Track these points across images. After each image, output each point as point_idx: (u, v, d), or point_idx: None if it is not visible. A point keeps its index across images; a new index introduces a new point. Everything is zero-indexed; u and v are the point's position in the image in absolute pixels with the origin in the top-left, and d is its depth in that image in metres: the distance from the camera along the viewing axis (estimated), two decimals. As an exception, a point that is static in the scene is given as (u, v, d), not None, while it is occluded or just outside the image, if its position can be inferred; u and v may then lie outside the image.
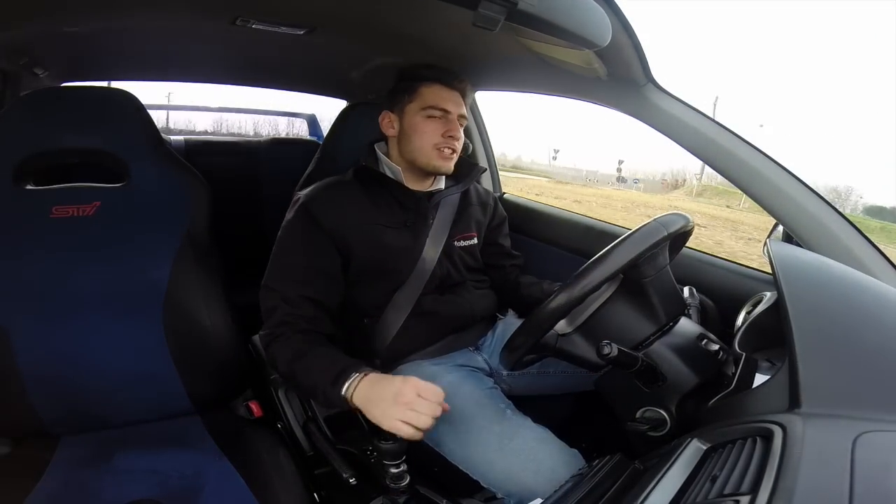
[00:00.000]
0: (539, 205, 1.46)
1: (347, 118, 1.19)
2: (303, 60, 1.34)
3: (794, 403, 0.48)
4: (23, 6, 0.86)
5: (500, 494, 0.76)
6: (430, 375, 0.88)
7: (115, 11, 0.94)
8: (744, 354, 0.63)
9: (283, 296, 0.86)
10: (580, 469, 0.67)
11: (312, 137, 3.08)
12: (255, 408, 0.99)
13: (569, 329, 0.74)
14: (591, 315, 0.74)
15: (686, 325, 0.73)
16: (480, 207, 1.09)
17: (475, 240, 1.06)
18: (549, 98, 1.17)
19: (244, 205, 1.63)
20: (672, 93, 0.90)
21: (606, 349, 0.61)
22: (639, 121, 0.93)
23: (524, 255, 1.17)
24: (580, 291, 0.64)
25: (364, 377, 0.74)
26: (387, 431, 0.68)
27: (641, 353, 0.66)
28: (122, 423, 0.87)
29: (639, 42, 0.79)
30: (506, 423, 0.79)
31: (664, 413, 0.66)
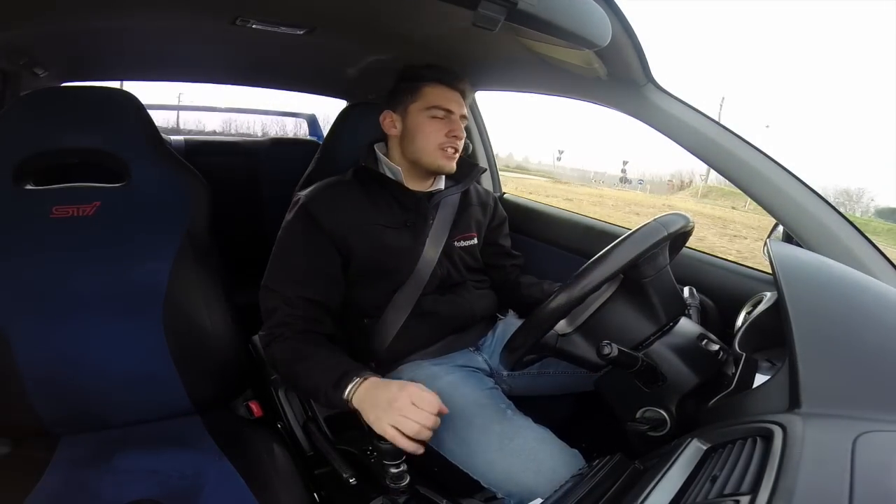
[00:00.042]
0: (539, 205, 1.46)
1: (347, 118, 1.19)
2: (303, 60, 1.34)
3: (794, 403, 0.48)
4: (23, 6, 0.86)
5: (501, 494, 0.76)
6: (431, 375, 0.88)
7: (116, 11, 0.93)
8: (744, 354, 0.63)
9: (283, 296, 0.86)
10: (580, 469, 0.67)
11: (312, 137, 3.08)
12: (255, 408, 0.99)
13: (569, 329, 0.74)
14: (592, 315, 0.74)
15: (686, 326, 0.73)
16: (480, 207, 1.09)
17: (475, 240, 1.06)
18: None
19: (244, 205, 1.63)
20: (672, 93, 0.90)
21: (606, 349, 0.61)
22: (639, 121, 0.93)
23: (524, 255, 1.17)
24: (580, 292, 0.64)
25: (364, 381, 0.74)
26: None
27: (641, 353, 0.66)
28: (122, 423, 0.86)
29: (639, 42, 0.79)
30: (506, 423, 0.79)
31: (664, 413, 0.66)
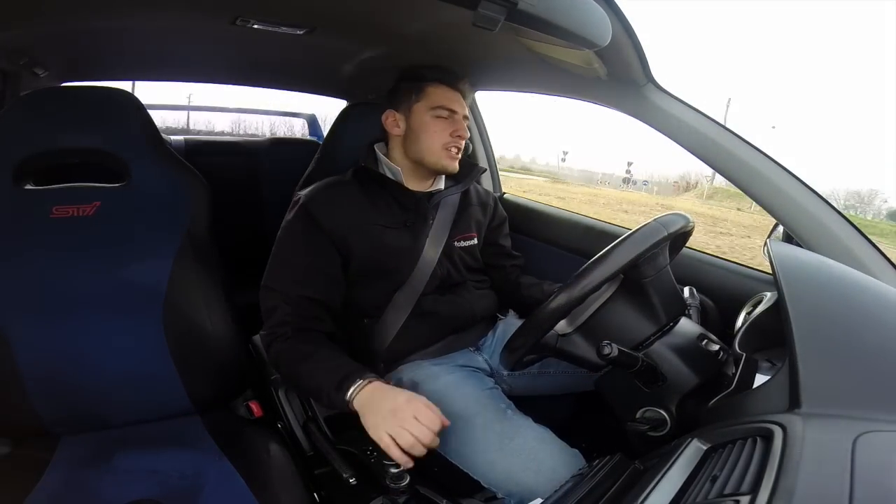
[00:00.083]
0: (539, 205, 1.46)
1: (347, 118, 1.19)
2: (303, 60, 1.34)
3: (794, 403, 0.48)
4: (23, 6, 0.86)
5: (501, 494, 0.76)
6: (431, 375, 0.88)
7: (116, 11, 0.93)
8: (744, 355, 0.63)
9: (284, 295, 0.86)
10: (580, 469, 0.67)
11: (312, 137, 3.07)
12: (255, 408, 0.99)
13: (569, 329, 0.74)
14: (592, 315, 0.74)
15: (686, 326, 0.73)
16: (480, 208, 1.09)
17: (475, 240, 1.06)
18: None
19: (244, 205, 1.62)
20: (672, 93, 0.90)
21: (606, 349, 0.61)
22: (639, 121, 0.93)
23: (524, 256, 1.17)
24: (580, 292, 0.64)
25: (369, 384, 0.74)
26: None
27: (641, 354, 0.66)
28: (122, 423, 0.86)
29: (639, 42, 0.79)
30: (506, 423, 0.79)
31: (664, 413, 0.66)
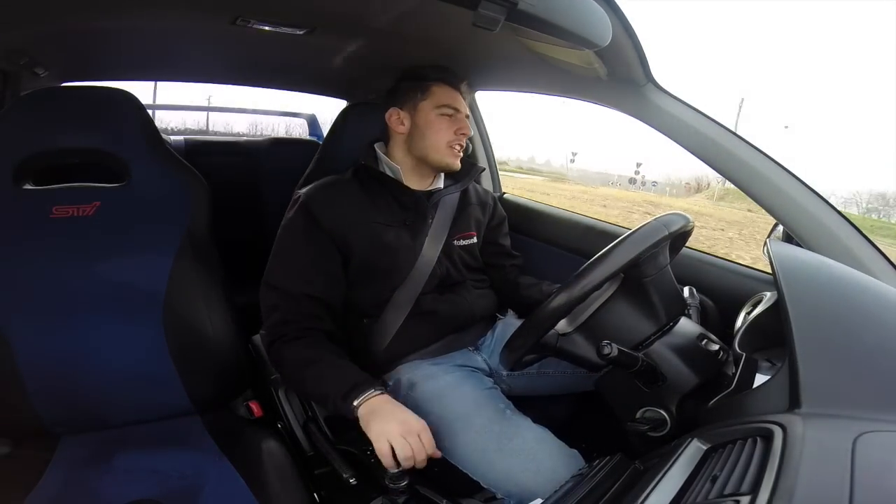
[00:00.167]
0: (539, 205, 1.46)
1: (347, 118, 1.19)
2: (303, 60, 1.34)
3: (794, 403, 0.48)
4: (23, 6, 0.86)
5: (500, 495, 0.76)
6: (429, 375, 0.88)
7: (116, 11, 0.93)
8: (744, 354, 0.63)
9: (284, 293, 0.86)
10: (580, 469, 0.67)
11: (312, 137, 3.07)
12: (255, 408, 0.99)
13: (569, 329, 0.74)
14: (592, 314, 0.73)
15: (686, 325, 0.73)
16: (480, 207, 1.09)
17: (475, 239, 1.06)
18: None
19: (244, 205, 1.63)
20: (672, 93, 0.90)
21: (606, 349, 0.61)
22: (639, 121, 0.93)
23: (524, 255, 1.17)
24: (580, 291, 0.64)
25: (380, 395, 0.76)
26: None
27: (641, 354, 0.65)
28: (122, 423, 0.86)
29: (639, 42, 0.79)
30: (505, 424, 0.79)
31: (664, 413, 0.66)
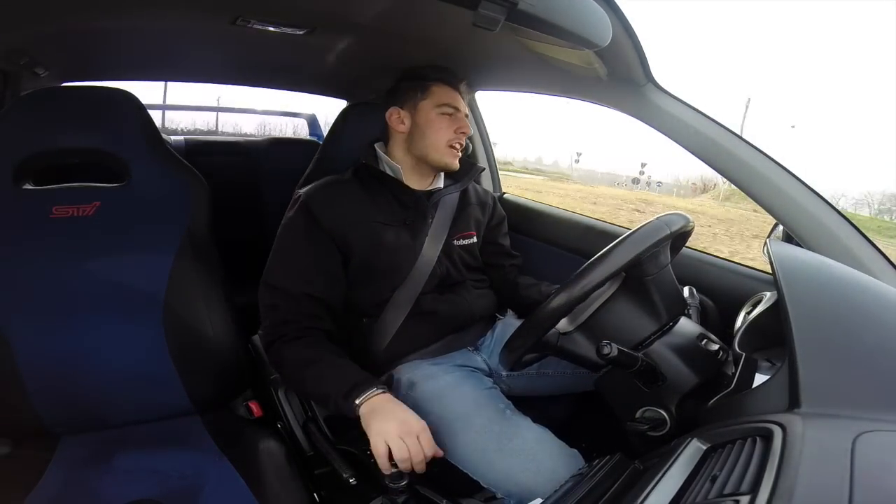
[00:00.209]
0: (539, 205, 1.46)
1: (347, 118, 1.19)
2: (303, 60, 1.34)
3: (794, 403, 0.48)
4: (23, 6, 0.86)
5: (500, 494, 0.76)
6: (429, 375, 0.88)
7: (116, 11, 0.93)
8: (744, 354, 0.63)
9: (284, 293, 0.86)
10: (580, 469, 0.67)
11: (312, 137, 3.08)
12: (255, 408, 0.99)
13: (570, 328, 0.74)
14: (593, 314, 0.73)
15: (686, 325, 0.72)
16: (479, 207, 1.09)
17: (474, 238, 1.06)
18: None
19: (244, 205, 1.63)
20: (672, 93, 0.89)
21: (606, 349, 0.61)
22: (639, 121, 0.93)
23: (523, 255, 1.17)
24: (580, 291, 0.64)
25: (382, 394, 0.76)
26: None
27: (641, 353, 0.65)
28: (122, 423, 0.86)
29: (639, 42, 0.79)
30: (505, 423, 0.79)
31: (664, 413, 0.66)
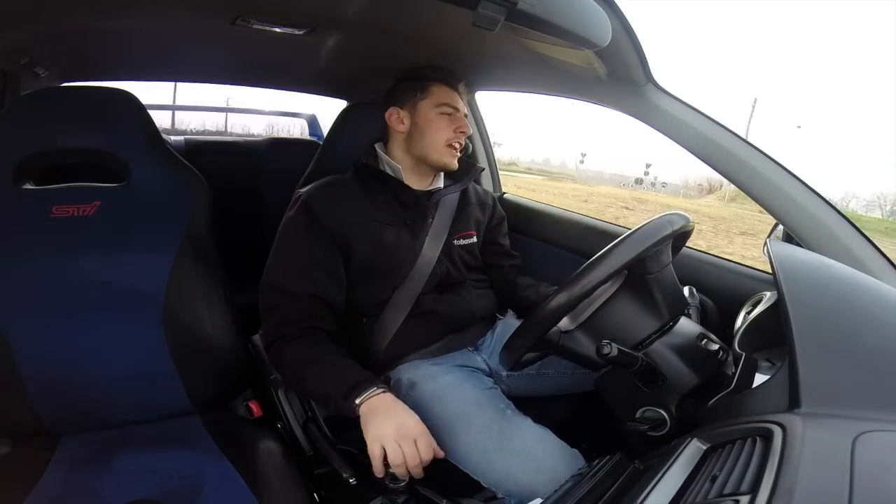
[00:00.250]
0: (539, 205, 1.46)
1: (347, 118, 1.19)
2: (303, 60, 1.34)
3: (794, 403, 0.48)
4: (23, 6, 0.86)
5: (501, 494, 0.76)
6: (429, 375, 0.88)
7: (116, 11, 0.93)
8: (744, 354, 0.63)
9: (285, 292, 0.86)
10: (580, 469, 0.67)
11: (312, 137, 3.08)
12: (255, 408, 0.99)
13: (572, 326, 0.74)
14: (595, 312, 0.73)
15: (686, 325, 0.72)
16: (479, 207, 1.09)
17: (475, 238, 1.06)
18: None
19: (244, 205, 1.63)
20: (672, 93, 0.89)
21: (606, 349, 0.61)
22: (639, 121, 0.93)
23: (523, 255, 1.17)
24: (580, 291, 0.64)
25: (382, 393, 0.75)
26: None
27: (641, 353, 0.65)
28: (122, 423, 0.86)
29: (639, 42, 0.79)
30: (506, 423, 0.79)
31: (664, 413, 0.66)
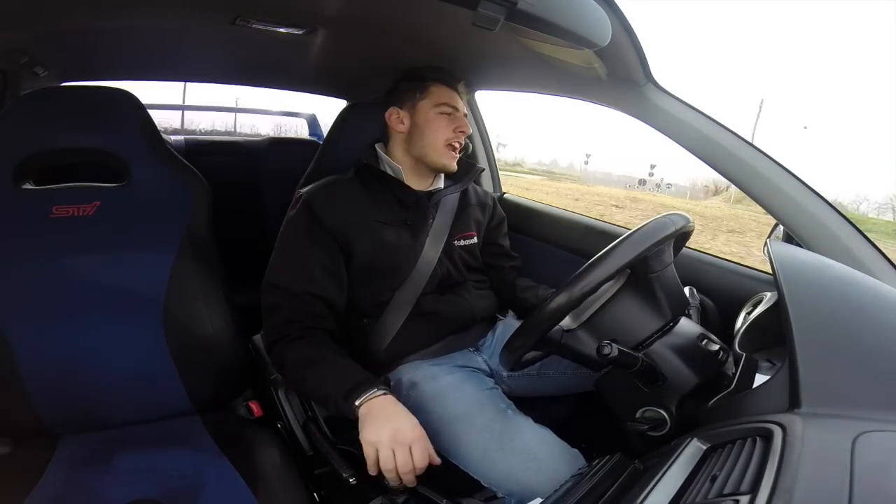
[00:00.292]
0: (539, 205, 1.46)
1: (347, 118, 1.19)
2: (303, 60, 1.34)
3: (794, 403, 0.48)
4: (23, 6, 0.86)
5: (501, 494, 0.76)
6: (430, 376, 0.88)
7: (116, 11, 0.94)
8: (744, 354, 0.63)
9: (287, 292, 0.86)
10: (580, 469, 0.67)
11: (312, 137, 3.08)
12: (255, 408, 0.99)
13: (574, 325, 0.74)
14: (597, 311, 0.73)
15: (686, 325, 0.72)
16: (479, 207, 1.09)
17: (475, 239, 1.06)
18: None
19: (244, 205, 1.63)
20: (672, 92, 0.89)
21: (606, 349, 0.61)
22: (639, 121, 0.93)
23: (523, 256, 1.17)
24: (580, 292, 0.64)
25: (382, 395, 0.75)
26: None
27: (641, 353, 0.65)
28: (122, 423, 0.86)
29: (639, 42, 0.79)
30: (506, 423, 0.79)
31: (664, 413, 0.66)
